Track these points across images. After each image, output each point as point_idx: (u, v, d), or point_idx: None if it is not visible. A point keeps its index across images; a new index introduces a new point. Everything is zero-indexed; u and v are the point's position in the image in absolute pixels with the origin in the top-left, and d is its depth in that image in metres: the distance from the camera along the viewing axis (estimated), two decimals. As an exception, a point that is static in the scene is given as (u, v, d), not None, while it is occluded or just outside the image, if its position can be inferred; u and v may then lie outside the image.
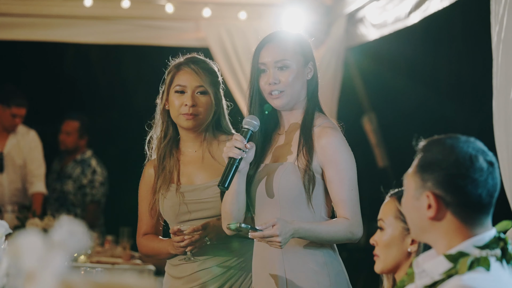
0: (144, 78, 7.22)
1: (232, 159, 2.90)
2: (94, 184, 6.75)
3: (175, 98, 3.27)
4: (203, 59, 3.36)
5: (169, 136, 3.33)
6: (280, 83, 2.96)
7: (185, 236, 3.14)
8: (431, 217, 1.94)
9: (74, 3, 6.07)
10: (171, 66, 3.34)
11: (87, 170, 6.76)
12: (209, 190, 3.25)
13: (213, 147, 3.32)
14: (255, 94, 3.00)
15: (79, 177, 6.73)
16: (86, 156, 6.79)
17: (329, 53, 6.01)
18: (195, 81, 3.27)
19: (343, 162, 2.94)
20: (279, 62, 2.97)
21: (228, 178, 2.89)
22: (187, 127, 3.27)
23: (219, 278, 3.22)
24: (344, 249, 2.76)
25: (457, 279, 1.84)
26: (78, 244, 1.51)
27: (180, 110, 3.25)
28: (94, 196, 6.74)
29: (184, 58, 3.34)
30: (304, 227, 2.85)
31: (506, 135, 3.26)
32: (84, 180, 6.74)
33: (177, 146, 3.36)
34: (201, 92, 3.27)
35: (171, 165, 3.31)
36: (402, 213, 2.36)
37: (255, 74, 3.00)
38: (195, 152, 3.33)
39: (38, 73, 7.92)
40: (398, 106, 7.06)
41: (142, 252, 3.45)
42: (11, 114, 6.28)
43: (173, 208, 3.27)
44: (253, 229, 2.81)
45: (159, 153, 3.33)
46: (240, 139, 2.91)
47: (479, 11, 4.45)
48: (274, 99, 2.98)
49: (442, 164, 1.93)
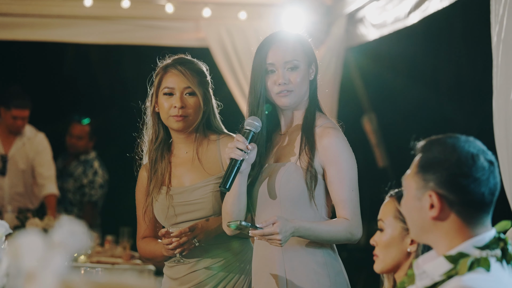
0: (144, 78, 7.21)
1: (233, 160, 2.89)
2: (94, 185, 6.77)
3: (164, 101, 3.27)
4: (190, 59, 3.35)
5: (160, 138, 3.33)
6: (290, 84, 2.96)
7: (173, 239, 3.14)
8: (434, 217, 1.93)
9: (74, 3, 6.07)
10: (159, 68, 3.33)
11: (89, 170, 6.78)
12: (197, 191, 3.25)
13: (203, 147, 3.31)
14: (262, 94, 2.98)
15: (80, 176, 6.75)
16: (90, 157, 6.83)
17: (329, 53, 6.01)
18: (182, 82, 3.26)
19: (344, 162, 2.94)
20: (289, 62, 2.97)
21: (229, 179, 2.89)
22: (177, 128, 3.27)
23: (213, 278, 3.23)
24: (344, 249, 2.76)
25: (457, 280, 1.84)
26: (78, 244, 1.51)
27: (169, 112, 3.25)
28: (91, 197, 6.75)
29: (171, 59, 3.33)
30: (305, 226, 2.85)
31: (506, 135, 3.26)
32: (85, 180, 6.75)
33: (169, 148, 3.36)
34: (189, 93, 3.27)
35: (163, 168, 3.31)
36: (402, 213, 2.36)
37: (261, 74, 2.98)
38: (186, 153, 3.33)
39: (38, 73, 7.91)
40: (398, 106, 7.06)
41: (142, 255, 3.46)
42: (12, 117, 6.24)
43: (163, 211, 3.28)
44: (253, 227, 2.81)
45: (151, 156, 3.32)
46: (242, 140, 2.90)
47: (479, 11, 4.45)
48: (282, 97, 2.97)
49: (444, 163, 1.93)
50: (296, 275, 2.94)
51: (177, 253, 3.17)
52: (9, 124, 6.26)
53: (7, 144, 6.35)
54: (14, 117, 6.24)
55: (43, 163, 6.41)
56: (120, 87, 8.22)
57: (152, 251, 3.32)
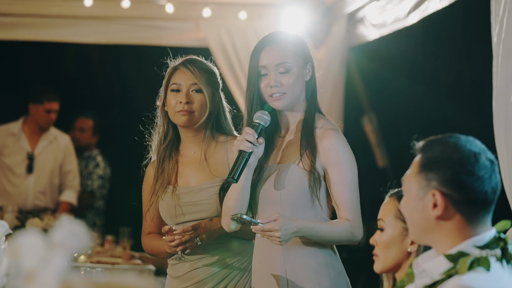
0: (144, 78, 7.21)
1: (242, 152, 2.90)
2: (92, 176, 6.79)
3: (171, 97, 3.30)
4: (201, 60, 3.39)
5: (169, 138, 3.35)
6: (282, 86, 2.96)
7: (175, 236, 3.16)
8: (438, 216, 1.93)
9: (74, 3, 6.07)
10: (169, 67, 3.37)
11: (91, 164, 6.82)
12: (203, 192, 3.27)
13: (211, 148, 3.33)
14: (255, 96, 2.99)
15: (82, 171, 6.77)
16: (93, 153, 6.85)
17: (330, 54, 6.01)
18: (189, 79, 3.29)
19: (345, 164, 2.95)
20: (280, 65, 2.96)
21: (238, 170, 2.89)
22: (182, 123, 3.28)
23: (214, 277, 3.24)
24: (344, 249, 2.75)
25: (457, 279, 1.84)
26: (78, 244, 1.51)
27: (175, 108, 3.28)
28: (87, 187, 6.76)
29: (182, 59, 3.38)
30: (308, 226, 2.86)
31: (506, 135, 3.26)
32: (84, 172, 6.78)
33: (177, 148, 3.38)
34: (196, 90, 3.29)
35: (170, 168, 3.33)
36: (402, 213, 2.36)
37: (255, 77, 2.99)
38: (193, 153, 3.34)
39: (38, 73, 7.91)
40: (398, 106, 7.06)
41: (146, 251, 3.48)
42: (45, 110, 6.34)
43: (169, 210, 3.30)
44: (254, 222, 2.82)
45: (159, 155, 3.35)
46: (252, 133, 2.90)
47: (479, 11, 4.45)
48: (275, 101, 2.97)
49: (447, 162, 1.93)
50: (296, 275, 2.94)
51: (179, 251, 3.19)
52: (42, 119, 6.34)
53: (33, 142, 6.39)
54: (48, 110, 6.35)
55: (71, 168, 6.50)
56: (120, 87, 8.22)
57: (155, 247, 3.34)
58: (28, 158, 6.31)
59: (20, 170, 6.30)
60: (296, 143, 3.00)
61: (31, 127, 6.38)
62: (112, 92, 8.26)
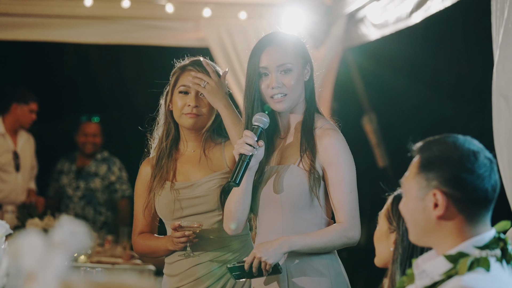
0: (144, 78, 7.22)
1: (243, 155, 2.89)
2: (123, 180, 6.78)
3: (178, 99, 3.30)
4: (208, 61, 3.38)
5: (171, 137, 3.36)
6: (283, 87, 2.96)
7: (185, 232, 3.15)
8: (439, 216, 1.92)
9: (74, 3, 6.07)
10: (176, 67, 3.37)
11: (113, 166, 6.79)
12: (203, 186, 3.28)
13: (209, 147, 3.34)
14: (256, 97, 2.98)
15: (107, 174, 6.75)
16: (106, 155, 6.83)
17: (330, 53, 6.01)
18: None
19: (343, 164, 2.95)
20: (282, 66, 2.96)
21: (239, 174, 2.89)
22: (189, 126, 3.29)
23: (212, 275, 3.24)
24: (344, 249, 2.75)
25: (457, 279, 1.84)
26: (79, 244, 1.51)
27: (183, 110, 3.28)
28: (124, 192, 6.76)
29: (189, 60, 3.37)
30: (292, 239, 2.88)
31: (506, 135, 3.26)
32: (112, 177, 6.76)
33: (177, 146, 3.38)
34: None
35: (168, 165, 3.33)
36: (391, 214, 2.36)
37: (255, 78, 2.98)
38: (193, 152, 3.35)
39: (38, 73, 7.91)
40: (398, 106, 7.06)
41: (138, 251, 3.45)
42: (30, 110, 6.42)
43: (168, 206, 3.29)
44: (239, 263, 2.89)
45: (158, 152, 3.35)
46: (251, 135, 2.90)
47: (480, 11, 4.45)
48: (277, 102, 2.97)
49: (447, 161, 1.93)
50: (297, 275, 2.94)
51: (188, 247, 3.18)
52: (26, 119, 6.43)
53: (14, 141, 6.44)
54: (32, 110, 6.43)
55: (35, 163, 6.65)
56: (120, 87, 8.22)
57: (152, 246, 3.32)
58: (14, 156, 6.36)
59: (10, 168, 6.35)
60: (296, 144, 3.00)
61: (9, 126, 6.44)
62: (112, 92, 8.26)
